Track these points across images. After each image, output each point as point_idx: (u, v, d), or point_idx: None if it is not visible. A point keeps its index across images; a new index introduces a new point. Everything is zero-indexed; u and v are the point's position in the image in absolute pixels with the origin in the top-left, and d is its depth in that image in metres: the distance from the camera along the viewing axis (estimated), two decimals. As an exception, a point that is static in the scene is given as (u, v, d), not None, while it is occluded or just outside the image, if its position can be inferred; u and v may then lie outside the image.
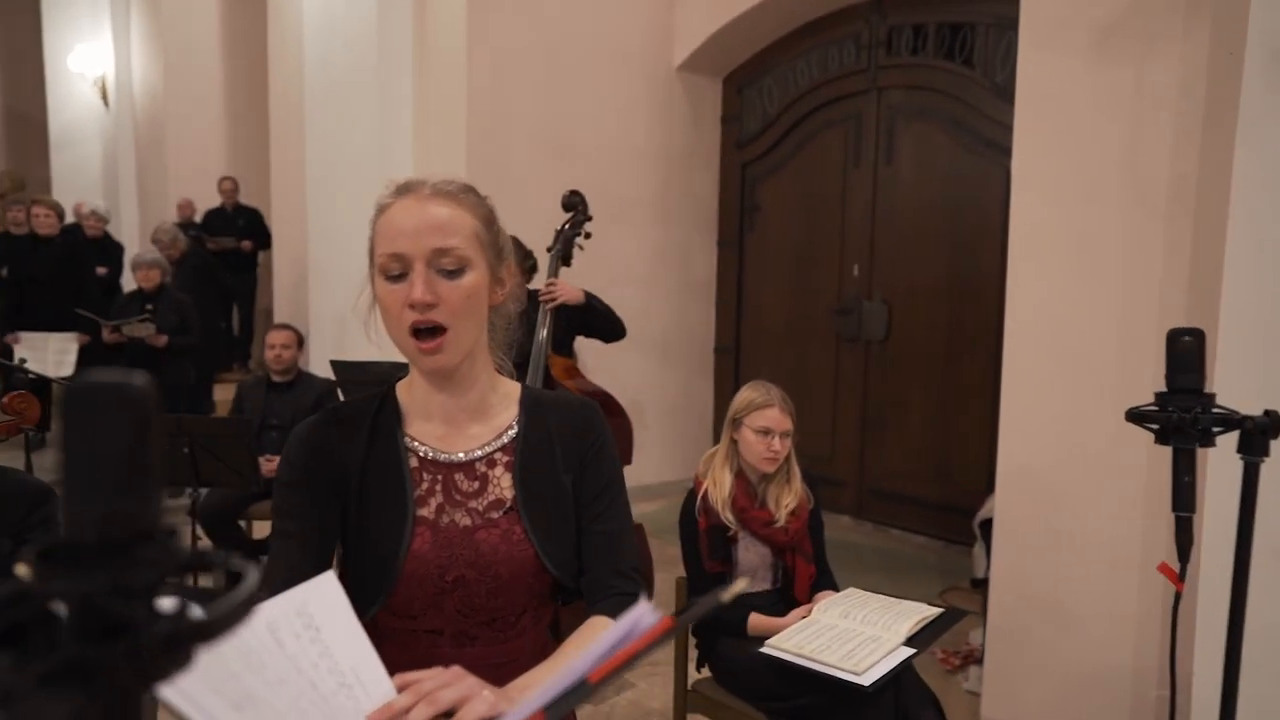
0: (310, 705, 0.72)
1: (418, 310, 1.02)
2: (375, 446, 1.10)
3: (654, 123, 5.44)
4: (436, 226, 1.03)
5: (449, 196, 1.07)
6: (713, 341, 5.89)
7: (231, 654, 0.68)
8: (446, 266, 1.04)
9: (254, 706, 0.64)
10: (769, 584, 2.42)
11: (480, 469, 1.11)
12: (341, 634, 0.81)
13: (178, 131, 7.93)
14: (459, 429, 1.13)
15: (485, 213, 1.11)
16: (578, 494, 1.15)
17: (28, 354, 4.99)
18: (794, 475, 2.44)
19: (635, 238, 5.42)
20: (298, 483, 1.08)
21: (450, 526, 1.08)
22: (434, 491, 1.10)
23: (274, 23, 6.84)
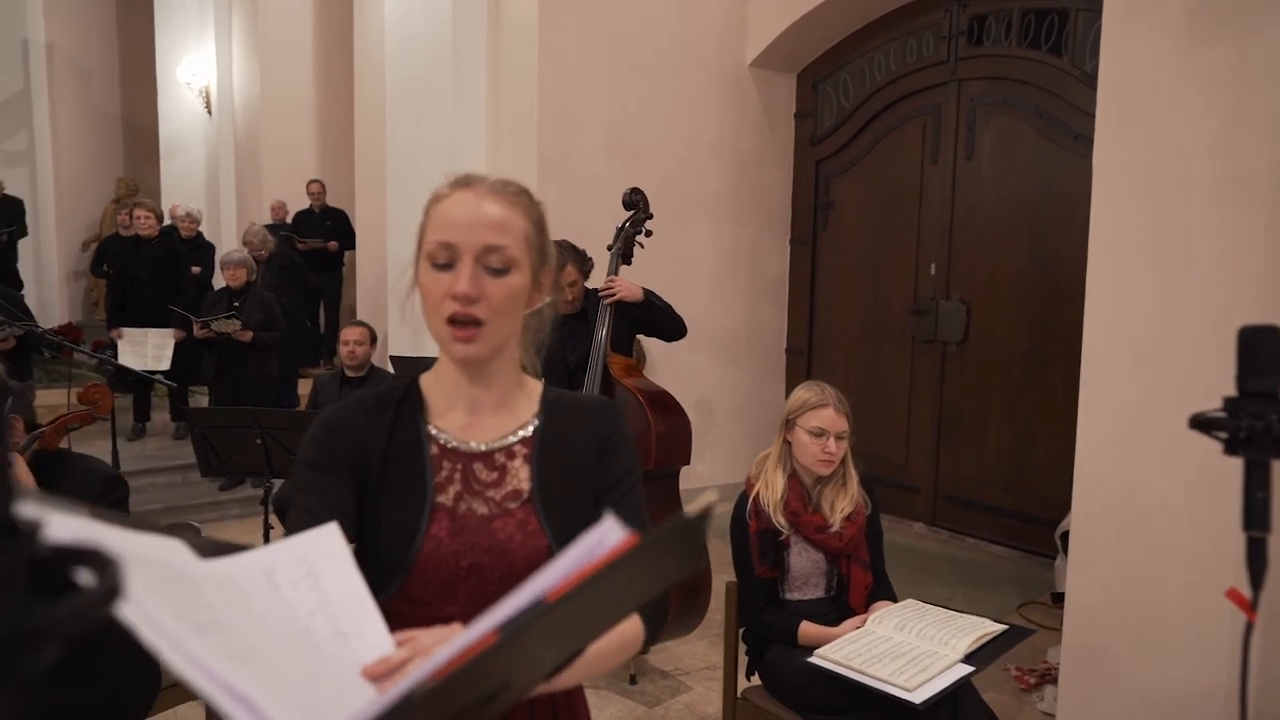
0: (299, 648, 0.70)
1: (459, 302, 1.04)
2: (397, 433, 1.12)
3: (725, 120, 5.38)
4: (490, 224, 1.05)
5: (505, 196, 1.08)
6: (784, 342, 5.78)
7: (212, 587, 0.67)
8: (494, 264, 1.05)
9: (220, 633, 0.62)
10: (822, 591, 2.34)
11: (499, 459, 1.13)
12: (342, 584, 0.80)
13: (272, 137, 8.27)
14: (481, 420, 1.14)
15: (537, 217, 1.12)
16: (594, 488, 1.15)
17: (129, 348, 5.28)
18: (850, 479, 2.35)
19: (705, 236, 5.37)
20: (318, 461, 1.10)
21: (468, 514, 1.09)
22: (453, 479, 1.11)
23: (359, 31, 7.07)
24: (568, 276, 3.32)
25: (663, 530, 0.57)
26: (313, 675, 0.70)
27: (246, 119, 8.63)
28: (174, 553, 0.69)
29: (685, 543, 0.60)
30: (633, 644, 1.07)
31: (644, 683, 3.34)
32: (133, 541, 0.64)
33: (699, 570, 0.71)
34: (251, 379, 5.05)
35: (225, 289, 5.21)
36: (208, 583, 0.67)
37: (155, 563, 0.63)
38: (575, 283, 3.35)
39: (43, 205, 9.70)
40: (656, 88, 5.12)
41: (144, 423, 5.76)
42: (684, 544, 0.60)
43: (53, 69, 10.03)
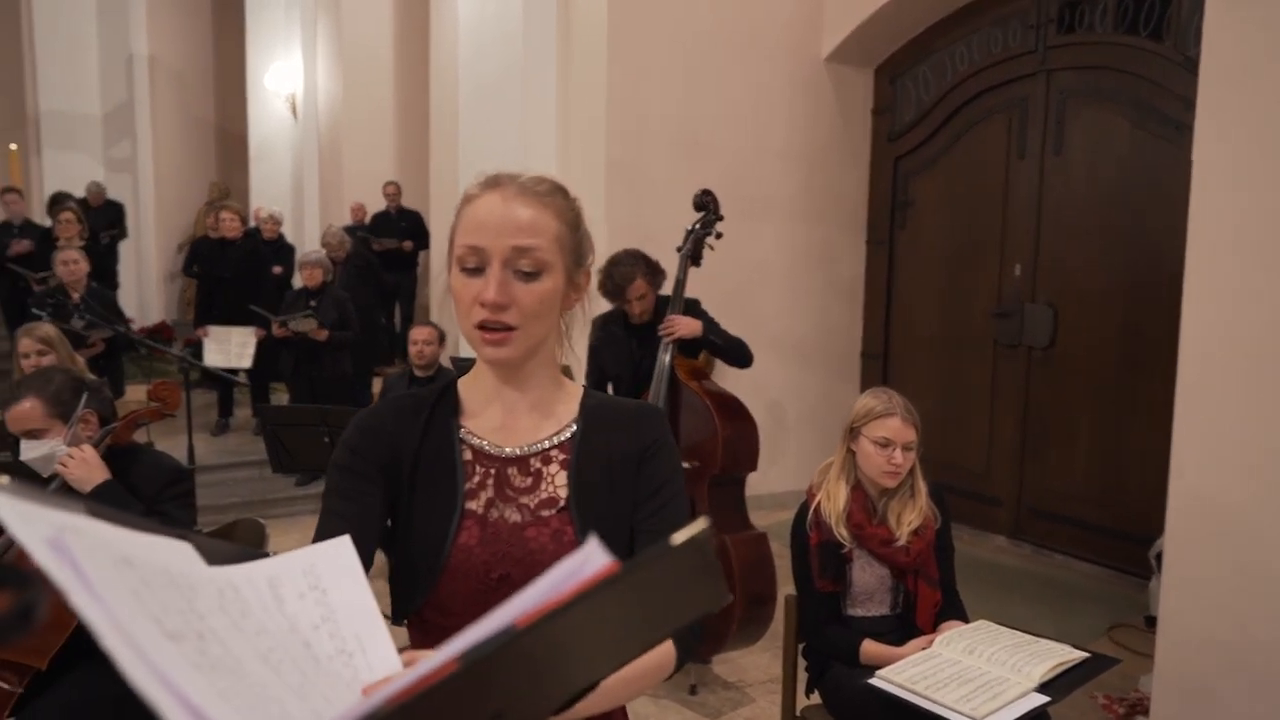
0: (294, 662, 0.67)
1: (489, 309, 1.01)
2: (430, 436, 1.09)
3: (798, 117, 5.25)
4: (519, 226, 1.01)
5: (536, 197, 1.04)
6: (859, 346, 5.61)
7: (209, 594, 0.64)
8: (524, 268, 1.01)
9: (199, 641, 0.59)
10: (887, 608, 2.22)
11: (534, 465, 1.08)
12: (350, 600, 0.77)
13: (353, 141, 8.49)
14: (516, 423, 1.10)
15: (572, 216, 1.08)
16: (634, 495, 1.10)
17: (214, 346, 5.47)
18: (919, 491, 2.22)
19: (776, 237, 5.25)
20: (351, 465, 1.08)
21: (499, 522, 1.06)
22: (485, 485, 1.07)
23: (435, 36, 7.17)
24: (637, 290, 3.26)
25: (642, 559, 0.52)
26: (304, 692, 0.66)
27: (329, 124, 8.88)
28: (176, 556, 0.67)
29: (679, 573, 0.54)
30: (661, 668, 1.01)
31: (704, 693, 3.26)
32: (129, 541, 0.62)
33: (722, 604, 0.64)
34: (326, 377, 5.16)
35: (303, 289, 5.35)
36: (205, 588, 0.65)
37: (146, 564, 0.61)
38: (644, 296, 3.28)
39: (143, 209, 10.20)
40: (727, 86, 5.02)
41: (227, 418, 5.96)
42: (677, 574, 0.54)
43: (154, 81, 10.54)
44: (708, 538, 0.52)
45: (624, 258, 3.28)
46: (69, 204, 6.24)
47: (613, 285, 3.26)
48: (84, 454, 2.11)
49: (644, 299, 3.28)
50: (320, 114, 9.02)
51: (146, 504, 2.18)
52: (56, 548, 0.55)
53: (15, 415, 2.13)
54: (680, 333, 3.19)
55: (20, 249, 6.09)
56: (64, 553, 0.55)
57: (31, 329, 3.23)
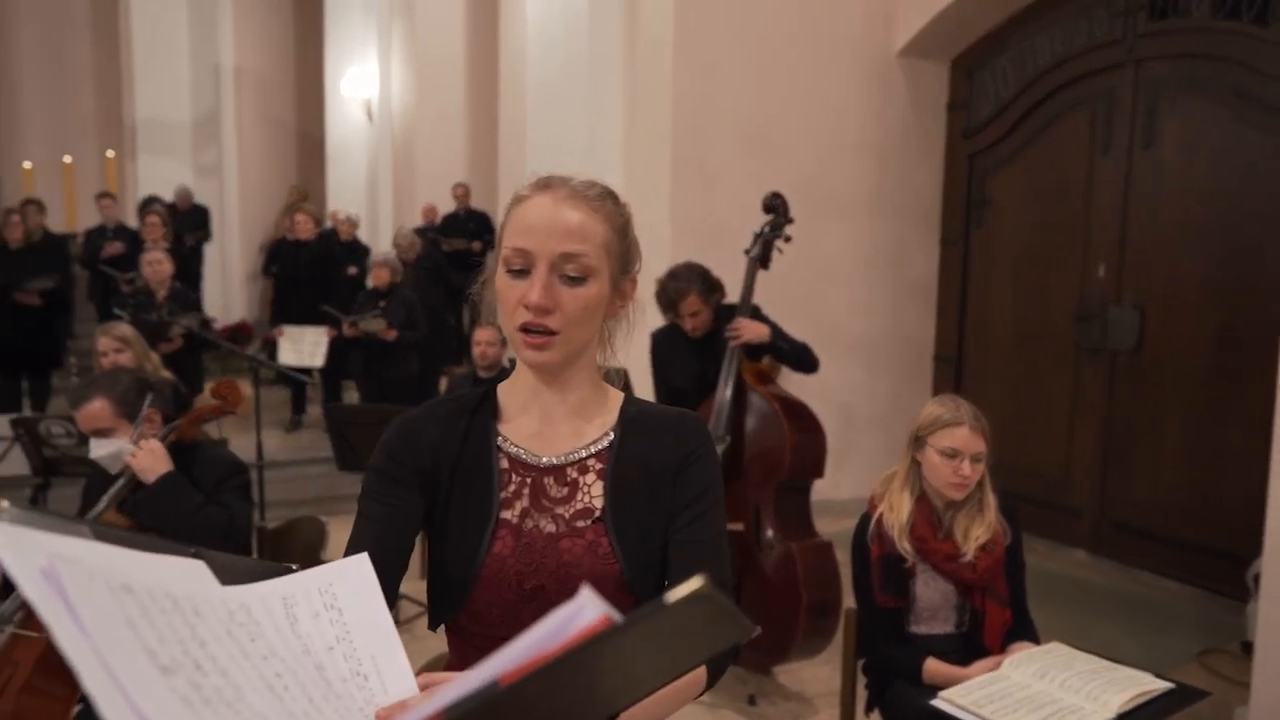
0: (300, 688, 0.66)
1: (532, 312, 1.00)
2: (468, 443, 1.08)
3: (870, 113, 5.11)
4: (567, 230, 1.01)
5: (585, 201, 1.03)
6: (931, 349, 5.43)
7: (216, 618, 0.64)
8: (569, 273, 1.01)
9: (195, 672, 0.58)
10: (952, 626, 2.12)
11: (571, 475, 1.07)
12: (366, 620, 0.76)
13: (425, 143, 8.65)
14: (554, 429, 1.09)
15: (620, 222, 1.07)
16: (670, 504, 1.07)
17: (288, 345, 5.63)
18: (988, 504, 2.11)
19: (846, 236, 5.12)
20: (387, 469, 1.07)
21: (534, 532, 1.04)
22: (520, 494, 1.06)
23: (504, 38, 7.24)
24: (689, 306, 3.20)
25: (636, 616, 0.49)
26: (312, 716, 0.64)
27: (403, 126, 9.07)
28: (186, 576, 0.66)
29: (680, 625, 0.50)
30: (691, 688, 0.98)
31: (764, 704, 3.18)
32: (134, 564, 0.61)
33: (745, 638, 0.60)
34: (394, 376, 5.25)
35: (373, 289, 5.46)
36: (214, 610, 0.64)
37: (148, 589, 0.60)
38: (698, 313, 3.22)
39: (228, 212, 10.60)
40: (797, 82, 4.92)
41: (300, 416, 6.12)
42: (678, 627, 0.50)
43: (239, 88, 10.96)
44: (709, 593, 0.49)
45: (681, 271, 3.23)
46: (155, 207, 6.51)
47: (666, 299, 3.22)
48: (151, 446, 2.18)
49: (697, 316, 3.21)
50: (394, 117, 9.23)
51: (206, 495, 2.24)
52: (49, 577, 0.54)
53: (85, 415, 2.20)
54: (746, 337, 3.12)
55: (113, 251, 6.38)
56: (55, 583, 0.54)
57: (109, 328, 3.36)
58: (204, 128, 11.06)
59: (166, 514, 2.14)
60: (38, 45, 11.06)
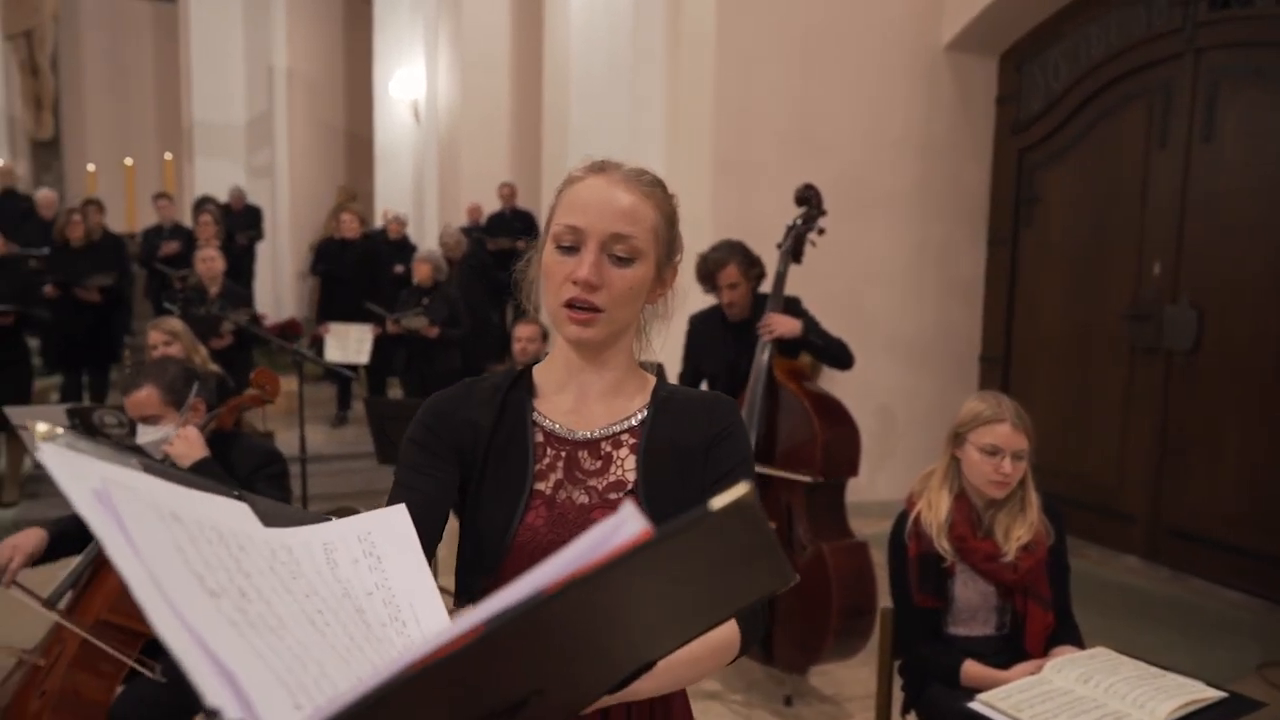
0: (341, 626, 0.67)
1: (580, 288, 1.02)
2: (503, 418, 1.11)
3: (915, 108, 5.02)
4: (620, 211, 1.03)
5: (638, 185, 1.06)
6: (978, 349, 5.32)
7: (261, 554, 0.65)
8: (619, 253, 1.03)
9: (241, 598, 0.59)
10: (992, 628, 2.06)
11: (605, 449, 1.09)
12: (405, 569, 0.77)
13: (470, 143, 8.74)
14: (589, 406, 1.11)
15: (669, 210, 1.10)
16: (701, 480, 1.09)
17: (334, 342, 5.72)
18: (1030, 504, 2.06)
19: (890, 234, 5.04)
20: (424, 441, 1.09)
21: (566, 503, 1.06)
22: (555, 467, 1.08)
23: (548, 37, 7.28)
24: (728, 276, 3.19)
25: (678, 523, 0.48)
26: (350, 655, 0.66)
27: (449, 127, 9.18)
28: (231, 514, 0.68)
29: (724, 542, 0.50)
30: (725, 649, 0.98)
31: (800, 705, 3.15)
32: (182, 497, 0.63)
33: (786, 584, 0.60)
34: (437, 373, 5.30)
35: (417, 287, 5.53)
36: (257, 547, 0.66)
37: (196, 520, 0.62)
38: (736, 285, 3.20)
39: (280, 212, 10.84)
40: (840, 77, 4.86)
41: (345, 411, 6.23)
42: (723, 544, 0.50)
43: (291, 91, 11.20)
44: (752, 502, 0.48)
45: (720, 244, 3.24)
46: (208, 207, 6.68)
47: (705, 270, 3.19)
48: (187, 434, 2.23)
49: (735, 288, 3.20)
50: (440, 118, 9.34)
51: (241, 482, 2.28)
52: (101, 500, 0.56)
53: (134, 401, 2.26)
54: (779, 331, 3.08)
55: (169, 250, 6.56)
56: (107, 505, 0.56)
57: (159, 322, 3.44)
58: (257, 130, 11.33)
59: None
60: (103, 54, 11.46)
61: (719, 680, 3.32)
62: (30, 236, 6.48)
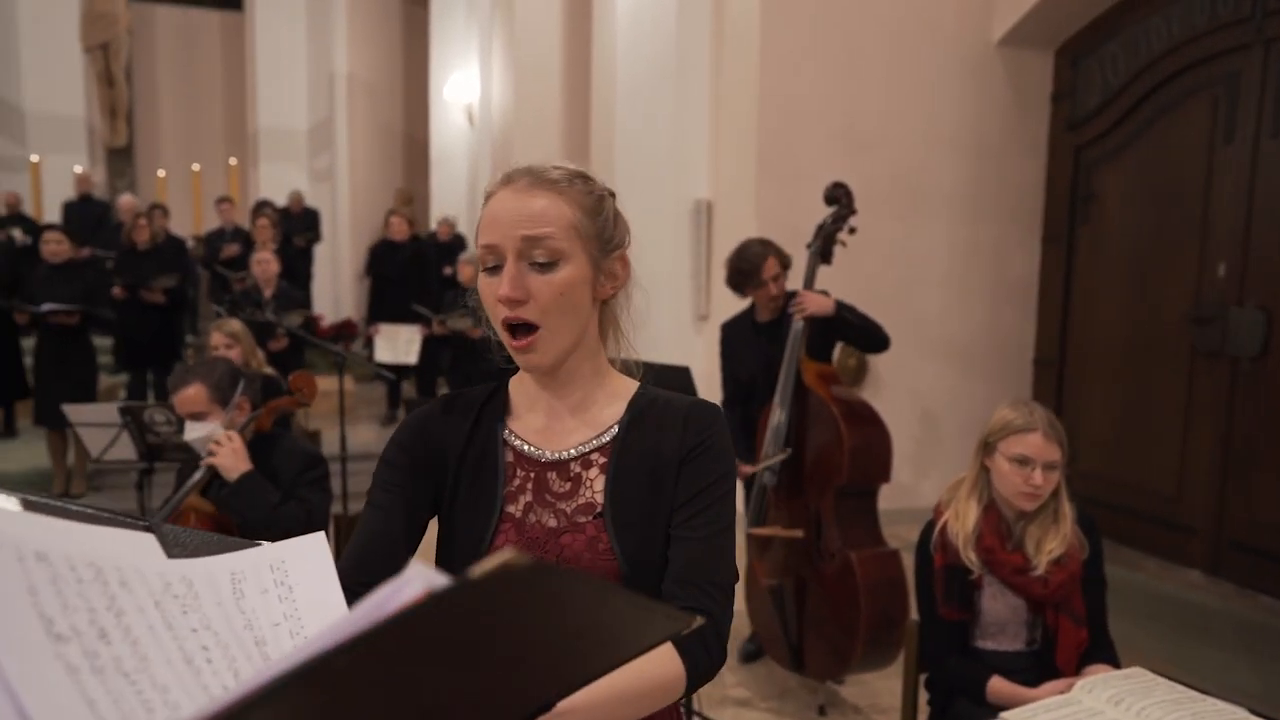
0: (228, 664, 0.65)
1: (507, 306, 0.99)
2: (475, 437, 1.09)
3: (966, 106, 4.90)
4: (528, 217, 0.99)
5: (549, 185, 1.02)
6: (1030, 352, 5.16)
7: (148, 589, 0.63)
8: (538, 259, 0.99)
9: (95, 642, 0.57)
10: (1022, 643, 2.00)
11: (574, 469, 1.06)
12: (317, 599, 0.75)
13: (523, 146, 8.81)
14: (560, 424, 1.08)
15: (591, 202, 1.04)
16: (674, 496, 1.04)
17: (384, 342, 5.84)
18: (1063, 516, 1.98)
19: (939, 234, 4.93)
20: (397, 460, 1.09)
21: (535, 526, 1.04)
22: (525, 489, 1.06)
23: (596, 39, 7.31)
24: (770, 269, 3.16)
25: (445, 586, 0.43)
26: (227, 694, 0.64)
27: (502, 129, 9.28)
28: (124, 548, 0.66)
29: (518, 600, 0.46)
30: (665, 688, 0.93)
31: (834, 714, 3.10)
32: (58, 534, 0.62)
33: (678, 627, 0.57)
34: (481, 372, 5.37)
35: (463, 287, 5.61)
36: (147, 583, 0.64)
37: (69, 558, 0.60)
38: (779, 276, 3.19)
39: (340, 215, 11.12)
40: (888, 76, 4.77)
41: (395, 410, 6.35)
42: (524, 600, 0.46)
43: (352, 96, 11.47)
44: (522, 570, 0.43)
45: (751, 243, 3.21)
46: (266, 211, 6.88)
47: (747, 267, 3.16)
48: (232, 443, 2.28)
49: (779, 280, 3.17)
50: (493, 121, 9.45)
51: (284, 487, 2.33)
52: None
53: (182, 399, 2.34)
54: (811, 309, 3.03)
55: (230, 252, 6.78)
56: None
57: (221, 323, 3.57)
58: (318, 135, 11.64)
59: (245, 510, 2.24)
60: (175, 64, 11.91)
61: (750, 688, 3.29)
62: (107, 240, 6.78)
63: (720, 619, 0.98)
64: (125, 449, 3.09)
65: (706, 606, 0.98)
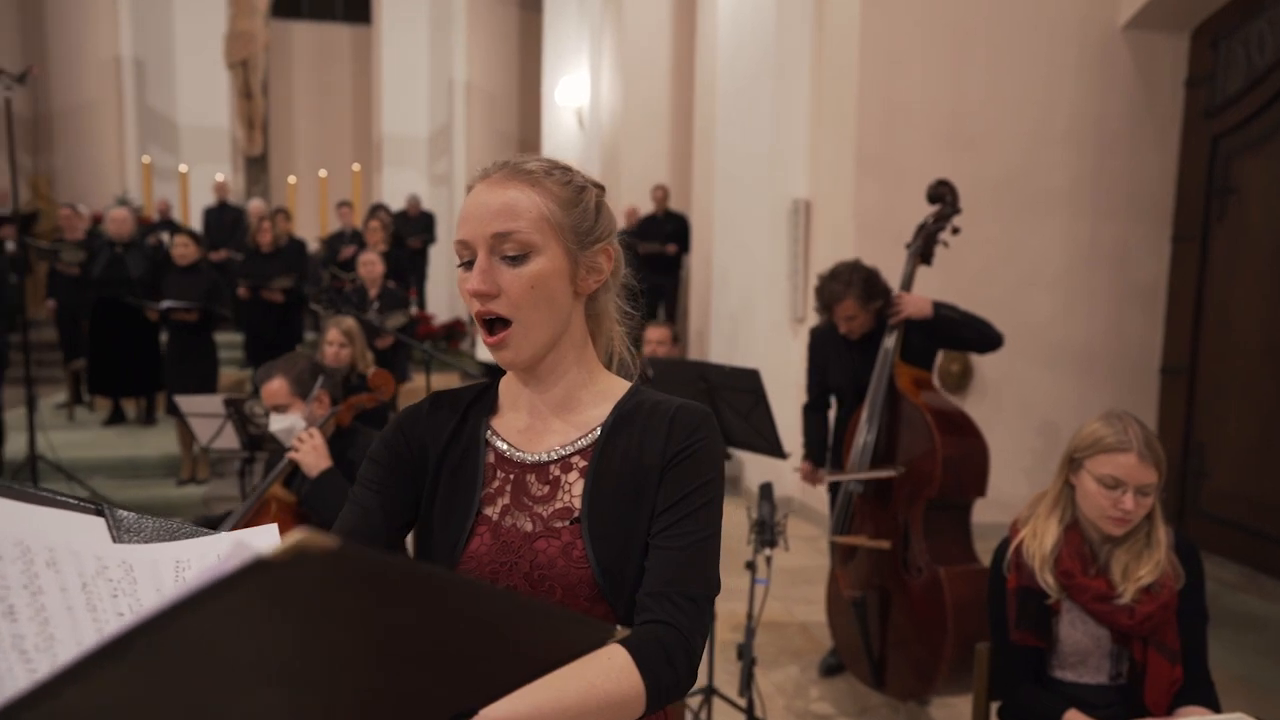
0: None
1: (479, 300, 0.98)
2: (460, 436, 1.07)
3: (1086, 96, 4.58)
4: (496, 211, 0.97)
5: (520, 178, 0.99)
6: (1158, 359, 4.77)
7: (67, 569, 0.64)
8: (508, 252, 0.97)
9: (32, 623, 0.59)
10: (1105, 676, 1.83)
11: (554, 472, 1.02)
12: None
13: (630, 148, 8.88)
14: (543, 424, 1.05)
15: (567, 194, 1.01)
16: (654, 503, 1.00)
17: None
18: (1158, 541, 1.80)
19: (1054, 233, 4.63)
20: (381, 458, 1.08)
21: (511, 530, 1.01)
22: (503, 491, 1.03)
23: (700, 41, 7.27)
24: (844, 311, 3.02)
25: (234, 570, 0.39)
26: None
27: (610, 132, 9.37)
28: (67, 532, 0.68)
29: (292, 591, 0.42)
30: (623, 705, 0.88)
31: (919, 738, 2.95)
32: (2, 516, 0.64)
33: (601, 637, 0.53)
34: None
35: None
36: (80, 564, 0.65)
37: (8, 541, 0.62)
38: (854, 318, 3.03)
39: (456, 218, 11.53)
40: (999, 66, 4.51)
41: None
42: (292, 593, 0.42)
43: (470, 102, 11.86)
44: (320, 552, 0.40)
45: (842, 272, 3.04)
46: (379, 214, 7.19)
47: (822, 301, 3.07)
48: (314, 440, 2.38)
49: (853, 320, 3.03)
50: (603, 123, 9.56)
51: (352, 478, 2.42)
52: None
53: (266, 391, 2.46)
54: (908, 311, 2.89)
55: (346, 254, 7.13)
56: None
57: (338, 321, 3.75)
58: (438, 141, 12.09)
59: (324, 505, 2.33)
60: (308, 77, 12.64)
61: (832, 703, 3.18)
62: (240, 243, 7.27)
63: (690, 633, 0.93)
64: (230, 438, 3.29)
65: (675, 620, 0.93)
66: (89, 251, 6.10)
